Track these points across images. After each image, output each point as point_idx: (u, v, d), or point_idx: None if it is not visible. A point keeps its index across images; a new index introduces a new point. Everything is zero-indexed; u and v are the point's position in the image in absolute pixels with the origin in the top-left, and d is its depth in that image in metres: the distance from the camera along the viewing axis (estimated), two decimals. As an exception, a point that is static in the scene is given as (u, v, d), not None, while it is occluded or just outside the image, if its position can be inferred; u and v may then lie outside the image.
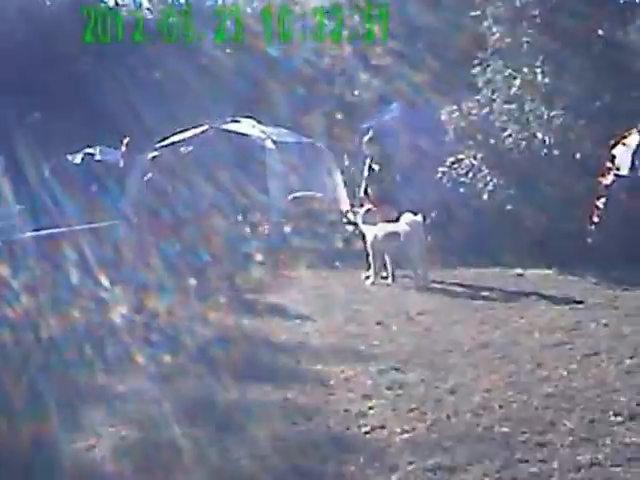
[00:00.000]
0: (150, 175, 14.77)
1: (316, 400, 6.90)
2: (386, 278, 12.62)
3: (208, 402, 6.90)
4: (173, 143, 17.89)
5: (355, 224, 13.71)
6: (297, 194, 17.01)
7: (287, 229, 15.98)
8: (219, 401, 6.96)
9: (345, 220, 15.23)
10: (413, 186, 14.06)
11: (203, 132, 18.02)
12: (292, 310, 10.55)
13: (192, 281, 11.78)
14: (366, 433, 6.04)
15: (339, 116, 23.84)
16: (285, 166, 16.96)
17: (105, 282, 10.55)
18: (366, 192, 13.31)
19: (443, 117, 14.34)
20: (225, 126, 18.17)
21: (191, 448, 5.86)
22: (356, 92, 23.77)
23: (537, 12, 13.84)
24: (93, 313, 9.82)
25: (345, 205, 16.20)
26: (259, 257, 13.85)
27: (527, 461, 5.30)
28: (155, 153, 16.61)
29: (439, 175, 14.24)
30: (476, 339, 8.64)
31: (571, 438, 5.64)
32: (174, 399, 6.98)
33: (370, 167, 13.28)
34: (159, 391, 7.17)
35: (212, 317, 10.14)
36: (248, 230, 16.03)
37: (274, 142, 17.10)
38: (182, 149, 17.86)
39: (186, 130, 18.27)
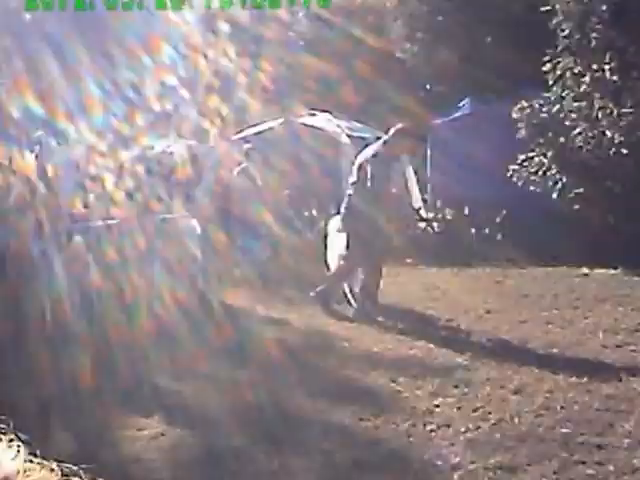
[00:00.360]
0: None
1: (385, 397, 7.16)
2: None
3: (277, 398, 7.09)
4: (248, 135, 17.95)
5: (427, 220, 13.85)
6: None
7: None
8: (286, 395, 7.23)
9: (417, 217, 15.38)
10: (482, 183, 14.16)
11: (278, 125, 18.04)
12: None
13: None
14: (431, 431, 6.26)
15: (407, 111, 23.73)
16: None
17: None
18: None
19: (514, 114, 14.37)
20: (301, 120, 18.21)
21: (256, 439, 6.20)
22: (427, 86, 23.72)
23: (604, 7, 13.78)
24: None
25: (418, 202, 16.29)
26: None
27: (584, 463, 5.50)
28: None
29: (509, 173, 14.31)
30: (542, 339, 8.81)
31: (628, 440, 5.82)
32: (237, 388, 7.32)
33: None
34: (227, 393, 7.38)
35: (282, 319, 10.29)
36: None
37: (349, 137, 17.14)
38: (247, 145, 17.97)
39: (261, 123, 18.39)
